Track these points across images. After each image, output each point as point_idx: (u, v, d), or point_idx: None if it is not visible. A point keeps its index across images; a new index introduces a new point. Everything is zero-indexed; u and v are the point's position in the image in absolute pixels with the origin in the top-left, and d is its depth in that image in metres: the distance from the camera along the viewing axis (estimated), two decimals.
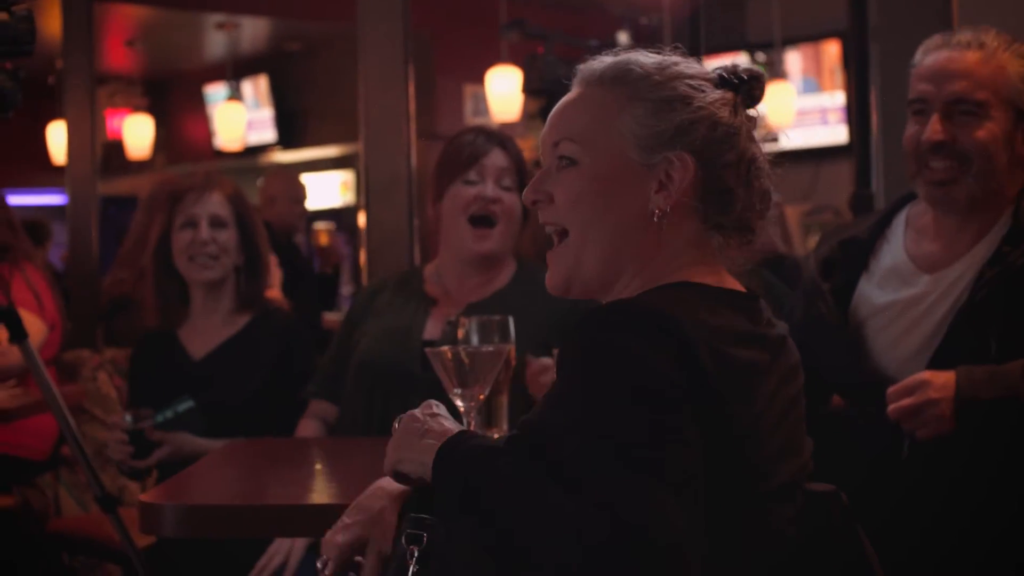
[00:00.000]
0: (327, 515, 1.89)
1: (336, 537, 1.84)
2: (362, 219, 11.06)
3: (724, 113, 1.81)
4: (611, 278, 1.82)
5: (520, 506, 1.58)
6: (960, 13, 3.12)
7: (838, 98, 8.00)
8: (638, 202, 1.79)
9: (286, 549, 2.99)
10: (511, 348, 2.52)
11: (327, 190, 11.32)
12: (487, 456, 1.66)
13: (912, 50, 2.70)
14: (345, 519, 1.85)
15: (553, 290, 1.88)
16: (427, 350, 2.46)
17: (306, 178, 8.88)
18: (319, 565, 1.84)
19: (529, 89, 4.94)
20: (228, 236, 3.52)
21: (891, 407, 2.44)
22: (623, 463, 1.53)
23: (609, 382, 1.59)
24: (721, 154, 1.80)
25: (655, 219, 1.78)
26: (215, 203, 3.52)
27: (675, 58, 1.85)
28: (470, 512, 1.64)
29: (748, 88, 1.85)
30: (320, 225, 9.51)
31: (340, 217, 10.94)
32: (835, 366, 2.67)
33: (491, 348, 2.36)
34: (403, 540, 1.79)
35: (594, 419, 1.58)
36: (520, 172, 3.15)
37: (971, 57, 2.59)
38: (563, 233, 1.85)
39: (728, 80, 1.84)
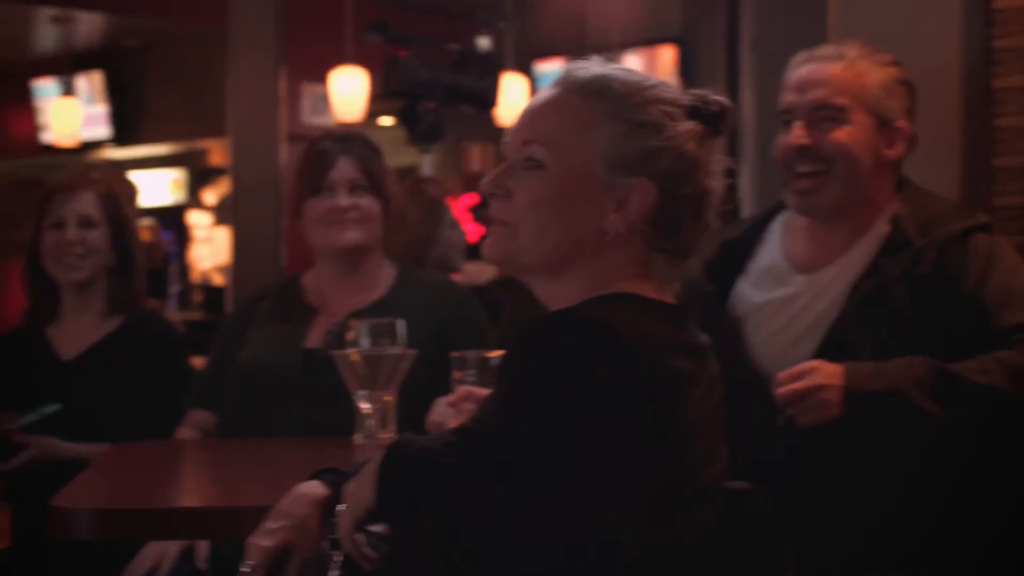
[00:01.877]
0: (249, 517, 1.89)
1: (262, 542, 1.83)
2: (195, 217, 10.97)
3: (690, 145, 1.84)
4: (550, 276, 1.86)
5: (470, 511, 1.63)
6: (837, 29, 3.21)
7: None
8: (593, 217, 1.82)
9: (157, 554, 2.95)
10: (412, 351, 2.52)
11: (158, 188, 11.18)
12: (432, 462, 1.68)
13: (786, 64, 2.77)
14: (269, 524, 1.84)
15: (490, 260, 1.91)
16: (332, 352, 2.45)
17: (137, 176, 8.75)
18: (245, 569, 1.83)
19: (389, 91, 4.95)
20: (98, 236, 3.43)
21: (780, 390, 2.48)
22: (569, 470, 1.62)
23: (553, 391, 1.64)
24: (680, 186, 1.84)
25: (607, 237, 1.82)
26: (85, 203, 3.43)
27: (654, 80, 1.87)
28: (418, 516, 1.69)
29: (717, 121, 1.88)
30: (142, 222, 9.40)
31: (170, 215, 10.83)
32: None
33: (398, 351, 2.37)
34: (326, 545, 1.82)
35: (540, 427, 1.63)
36: (370, 174, 3.13)
37: (832, 67, 2.69)
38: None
39: (700, 111, 1.86)
